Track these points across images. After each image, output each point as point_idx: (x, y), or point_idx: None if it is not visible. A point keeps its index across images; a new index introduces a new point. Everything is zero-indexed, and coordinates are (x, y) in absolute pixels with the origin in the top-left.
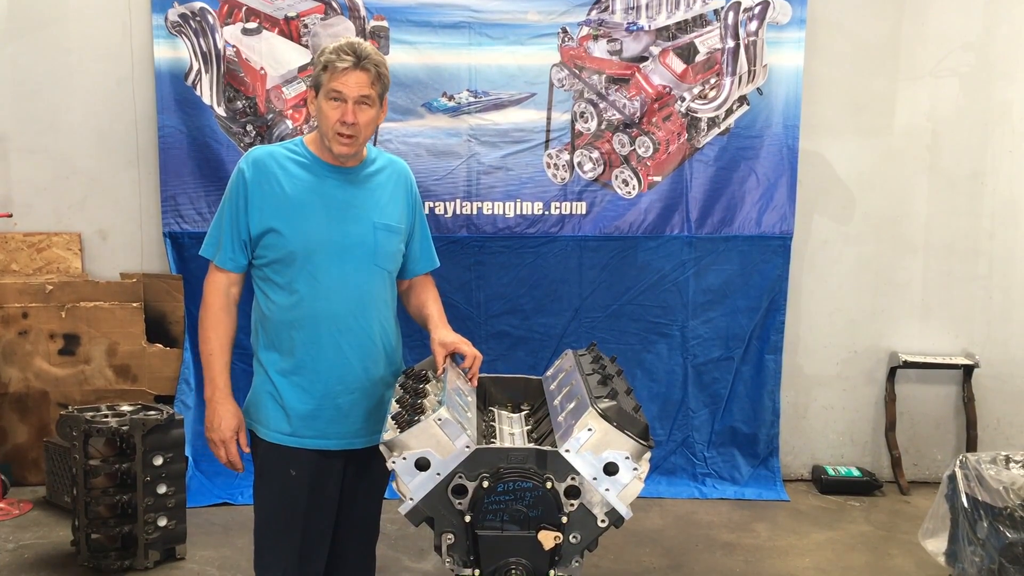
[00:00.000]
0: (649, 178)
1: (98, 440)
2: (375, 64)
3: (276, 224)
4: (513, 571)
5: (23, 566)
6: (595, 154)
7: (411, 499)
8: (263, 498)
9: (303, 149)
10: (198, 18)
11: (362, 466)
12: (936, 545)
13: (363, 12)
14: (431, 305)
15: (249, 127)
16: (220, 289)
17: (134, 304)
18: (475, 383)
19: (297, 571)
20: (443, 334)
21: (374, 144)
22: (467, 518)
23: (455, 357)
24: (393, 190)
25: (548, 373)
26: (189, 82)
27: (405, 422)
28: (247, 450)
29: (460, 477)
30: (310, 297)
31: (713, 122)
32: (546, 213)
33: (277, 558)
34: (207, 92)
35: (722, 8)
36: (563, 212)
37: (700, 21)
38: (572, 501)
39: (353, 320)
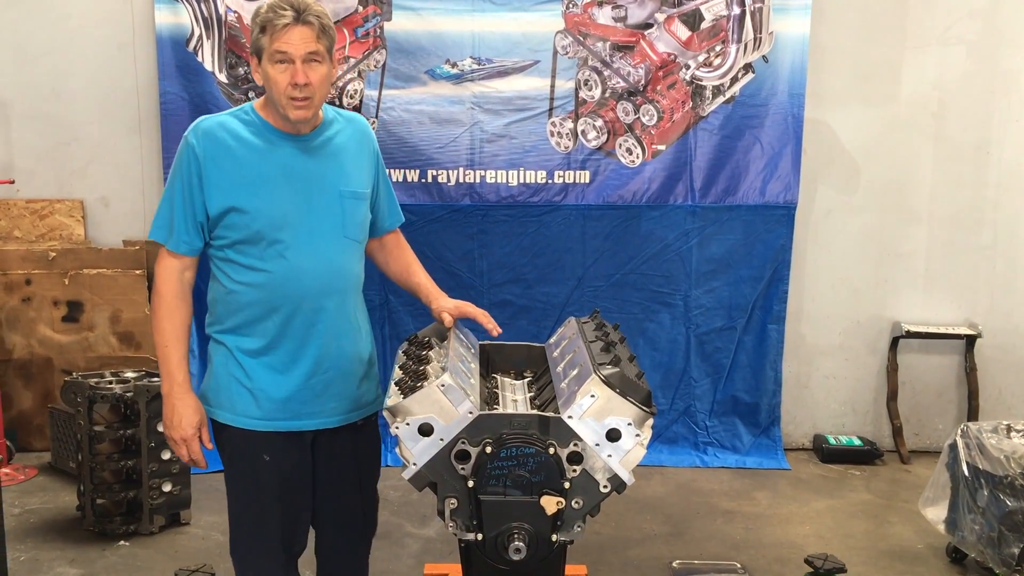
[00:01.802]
0: (653, 147)
1: (102, 406)
2: (317, 16)
3: (238, 202)
4: (515, 536)
5: (29, 530)
6: (599, 122)
7: (414, 464)
8: (236, 487)
9: (255, 116)
10: None
11: (336, 443)
12: (936, 513)
13: None
14: (417, 272)
15: (251, 94)
16: (173, 275)
17: (137, 271)
18: (499, 331)
19: (280, 554)
20: (443, 302)
21: (376, 114)
22: (470, 483)
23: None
24: (356, 152)
25: (551, 340)
26: (190, 48)
27: (408, 388)
28: (210, 446)
29: (463, 442)
30: (280, 276)
31: (718, 90)
32: (549, 182)
33: (255, 545)
34: (208, 58)
35: None
36: (566, 181)
37: None
38: (574, 467)
39: (326, 297)
